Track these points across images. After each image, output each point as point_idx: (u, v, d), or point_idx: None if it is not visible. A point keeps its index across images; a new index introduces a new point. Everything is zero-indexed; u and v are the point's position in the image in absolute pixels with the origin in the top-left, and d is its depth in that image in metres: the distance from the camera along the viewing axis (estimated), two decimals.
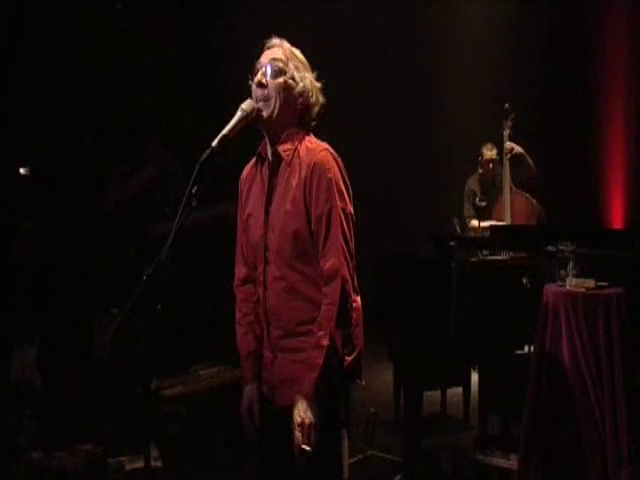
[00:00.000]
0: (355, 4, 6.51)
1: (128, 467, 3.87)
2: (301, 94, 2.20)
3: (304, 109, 2.23)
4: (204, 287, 5.52)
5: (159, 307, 1.99)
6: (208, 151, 2.11)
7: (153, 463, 3.74)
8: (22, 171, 4.81)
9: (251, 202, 2.30)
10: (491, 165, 5.49)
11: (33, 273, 4.63)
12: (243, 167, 2.39)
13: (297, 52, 2.26)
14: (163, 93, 5.50)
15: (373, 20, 6.63)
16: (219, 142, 2.13)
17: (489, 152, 5.49)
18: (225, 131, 2.15)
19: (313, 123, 2.29)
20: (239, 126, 2.17)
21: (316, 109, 2.26)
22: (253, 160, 2.34)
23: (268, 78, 2.19)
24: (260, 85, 2.19)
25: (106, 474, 3.77)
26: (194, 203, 2.05)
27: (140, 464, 3.62)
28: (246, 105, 2.19)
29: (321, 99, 2.27)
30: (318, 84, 2.26)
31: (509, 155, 4.97)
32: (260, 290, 2.26)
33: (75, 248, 4.82)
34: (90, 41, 5.25)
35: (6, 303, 4.38)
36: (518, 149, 5.03)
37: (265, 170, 2.27)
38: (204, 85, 5.83)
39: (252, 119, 2.19)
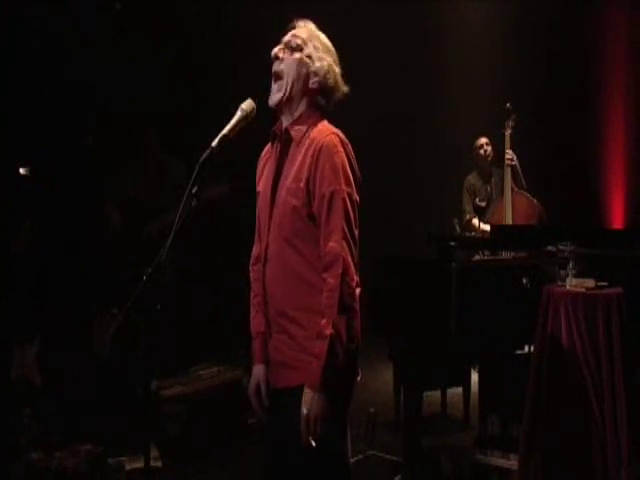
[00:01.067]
0: (355, 4, 6.51)
1: (128, 467, 3.86)
2: (316, 73, 2.20)
3: (319, 90, 2.22)
4: (204, 287, 5.53)
5: (159, 307, 1.99)
6: (208, 151, 2.11)
7: (153, 463, 3.74)
8: (22, 171, 4.81)
9: (263, 180, 2.32)
10: (485, 147, 5.50)
11: (33, 273, 4.64)
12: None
13: (321, 35, 2.26)
14: (162, 92, 5.50)
15: (374, 20, 6.63)
16: (219, 142, 2.14)
17: (482, 138, 5.52)
18: (225, 131, 2.16)
19: (330, 108, 2.27)
20: (239, 126, 2.18)
21: (336, 95, 2.25)
22: (265, 150, 2.36)
23: (285, 52, 2.21)
24: (276, 58, 2.21)
25: (106, 474, 3.77)
26: (194, 203, 2.05)
27: (140, 464, 3.63)
28: (246, 105, 2.20)
29: (342, 86, 2.26)
30: (338, 69, 2.24)
31: (508, 162, 4.98)
32: (261, 267, 2.26)
33: (75, 248, 4.83)
34: (90, 40, 5.26)
35: (6, 303, 4.38)
36: (516, 164, 5.05)
37: (277, 149, 2.28)
38: (204, 84, 5.83)
39: (252, 119, 2.20)
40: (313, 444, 2.07)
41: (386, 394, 4.80)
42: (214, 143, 2.13)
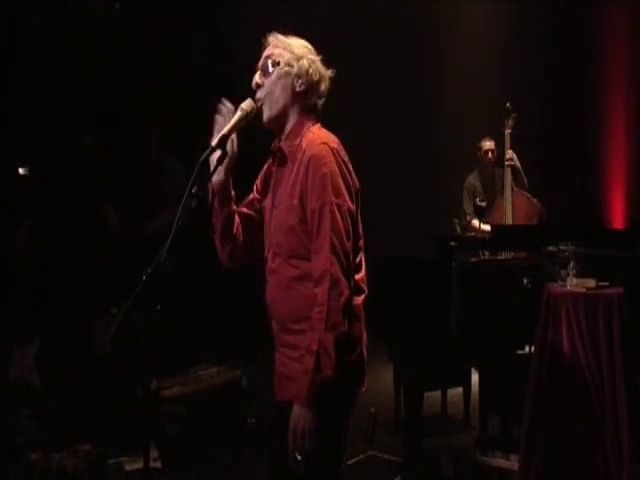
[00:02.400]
0: (355, 4, 6.51)
1: (128, 468, 3.86)
2: (299, 75, 2.17)
3: (307, 90, 2.19)
4: (204, 287, 5.52)
5: (159, 307, 1.98)
6: (208, 151, 2.10)
7: (152, 464, 3.73)
8: (22, 171, 4.80)
9: (265, 196, 2.31)
10: (490, 155, 5.50)
11: (33, 273, 4.63)
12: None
13: (292, 41, 2.22)
14: (162, 92, 5.49)
15: (375, 20, 6.62)
16: (219, 142, 2.13)
17: (487, 142, 5.51)
18: (225, 131, 2.14)
19: (321, 101, 2.24)
20: (239, 126, 2.16)
21: (323, 85, 2.22)
22: (270, 160, 2.35)
23: (263, 77, 2.19)
24: (257, 87, 2.20)
25: (106, 475, 3.76)
26: (194, 203, 2.04)
27: (139, 465, 3.62)
28: (246, 105, 2.18)
29: (327, 75, 2.22)
30: (318, 62, 2.20)
31: (508, 163, 4.98)
32: (263, 282, 2.27)
33: (74, 248, 4.82)
34: (90, 40, 5.25)
35: (6, 303, 4.38)
36: (517, 163, 5.04)
37: (275, 166, 2.28)
38: (204, 84, 5.82)
39: (252, 118, 2.19)
40: (299, 458, 2.07)
41: (386, 394, 4.79)
42: (214, 143, 2.12)
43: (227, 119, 2.17)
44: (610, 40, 6.70)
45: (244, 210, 2.34)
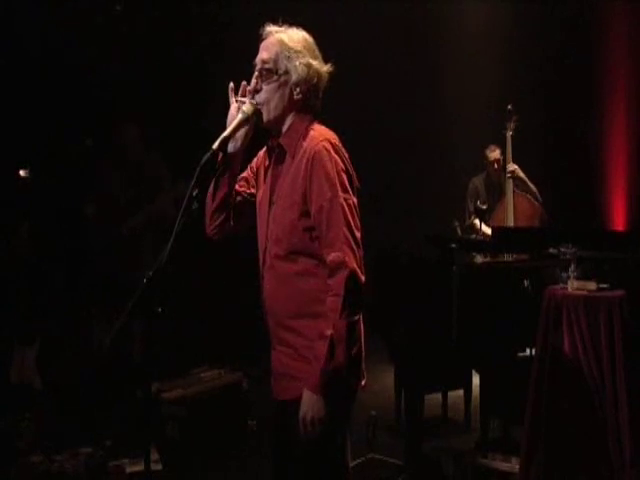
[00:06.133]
0: (356, 4, 6.50)
1: (128, 470, 3.85)
2: (298, 84, 2.17)
3: (306, 94, 2.19)
4: (205, 289, 5.52)
5: (160, 310, 1.98)
6: (208, 154, 2.09)
7: (153, 466, 3.72)
8: (22, 173, 4.81)
9: (260, 192, 2.30)
10: (496, 165, 5.51)
11: (32, 274, 4.63)
12: None
13: (287, 37, 2.19)
14: (154, 89, 5.48)
15: (377, 20, 6.62)
16: (219, 144, 2.12)
17: (492, 153, 5.51)
18: (226, 133, 2.15)
19: (319, 99, 2.24)
20: (239, 128, 2.17)
21: (321, 84, 2.22)
22: (265, 148, 2.33)
23: (261, 82, 2.19)
24: (256, 91, 2.20)
25: (106, 477, 3.76)
26: (195, 206, 2.03)
27: (140, 467, 3.62)
28: (246, 107, 2.19)
29: (325, 73, 2.21)
30: (315, 62, 2.19)
31: (509, 175, 4.98)
32: (260, 278, 2.26)
33: (74, 248, 4.82)
34: (90, 41, 5.26)
35: (6, 304, 4.38)
36: (520, 174, 5.04)
37: (273, 160, 2.27)
38: (202, 84, 5.83)
39: (253, 121, 2.19)
40: (305, 439, 2.07)
41: (387, 397, 4.78)
42: (214, 145, 2.12)
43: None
44: (611, 40, 6.69)
45: (240, 186, 2.34)
